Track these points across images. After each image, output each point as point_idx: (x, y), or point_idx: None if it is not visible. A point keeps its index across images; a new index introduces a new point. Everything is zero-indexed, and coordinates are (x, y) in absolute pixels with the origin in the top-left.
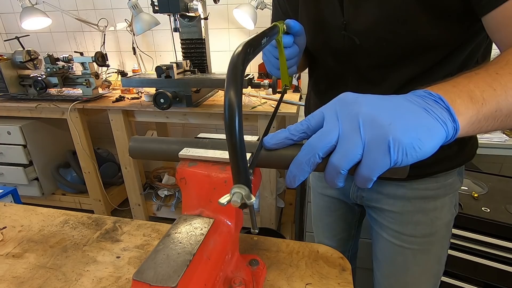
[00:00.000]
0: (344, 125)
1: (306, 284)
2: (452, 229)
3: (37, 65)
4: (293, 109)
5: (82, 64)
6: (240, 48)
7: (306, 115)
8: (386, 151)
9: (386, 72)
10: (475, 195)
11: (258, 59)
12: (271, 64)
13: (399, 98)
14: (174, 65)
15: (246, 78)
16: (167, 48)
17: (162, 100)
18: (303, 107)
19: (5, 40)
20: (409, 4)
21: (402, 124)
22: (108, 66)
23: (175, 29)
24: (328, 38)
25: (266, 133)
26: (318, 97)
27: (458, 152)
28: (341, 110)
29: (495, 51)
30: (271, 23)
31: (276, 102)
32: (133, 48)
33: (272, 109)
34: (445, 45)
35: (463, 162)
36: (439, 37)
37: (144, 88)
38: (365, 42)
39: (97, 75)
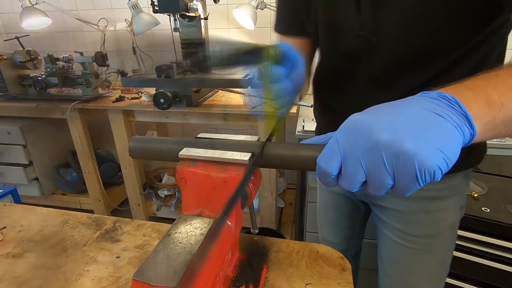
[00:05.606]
0: (368, 163)
1: (306, 284)
2: None
3: (37, 65)
4: (293, 109)
5: (82, 64)
6: None
7: (315, 114)
8: (415, 179)
9: (398, 75)
10: (475, 195)
11: None
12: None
13: (413, 107)
14: (174, 65)
15: (246, 78)
16: (167, 48)
17: (162, 100)
18: (303, 107)
19: (5, 40)
20: (430, 4)
21: (426, 147)
22: (108, 66)
23: (175, 29)
24: (341, 38)
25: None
26: (325, 98)
27: (465, 155)
28: (359, 145)
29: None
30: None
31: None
32: (133, 48)
33: (272, 109)
34: (459, 47)
35: (470, 165)
36: (455, 38)
37: (144, 88)
38: (380, 42)
39: (97, 75)
